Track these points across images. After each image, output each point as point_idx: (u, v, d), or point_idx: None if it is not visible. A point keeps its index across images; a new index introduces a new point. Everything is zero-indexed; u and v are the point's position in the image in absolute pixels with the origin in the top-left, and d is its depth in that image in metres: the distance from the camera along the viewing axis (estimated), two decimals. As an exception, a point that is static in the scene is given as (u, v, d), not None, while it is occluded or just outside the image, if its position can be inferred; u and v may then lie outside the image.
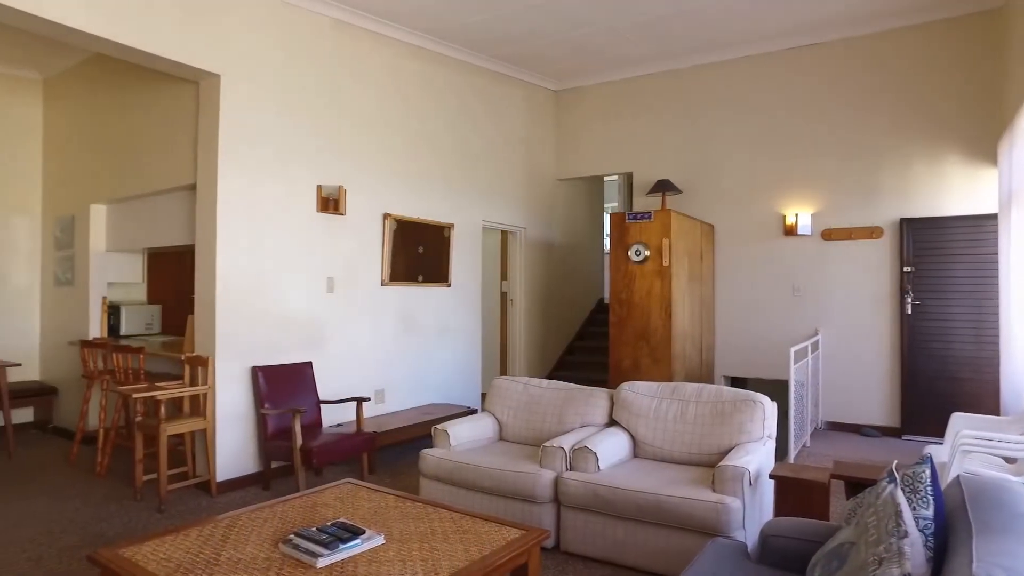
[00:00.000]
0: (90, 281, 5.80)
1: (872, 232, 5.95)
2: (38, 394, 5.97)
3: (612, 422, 3.95)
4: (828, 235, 6.16)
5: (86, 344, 5.13)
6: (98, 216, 5.85)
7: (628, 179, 9.27)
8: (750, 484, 3.00)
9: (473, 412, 5.77)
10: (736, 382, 6.76)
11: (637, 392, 3.89)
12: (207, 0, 4.30)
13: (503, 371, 7.81)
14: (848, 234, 6.06)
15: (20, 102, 6.38)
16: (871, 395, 5.98)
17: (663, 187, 6.37)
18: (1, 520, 3.84)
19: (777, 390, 5.48)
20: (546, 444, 3.52)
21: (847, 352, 6.08)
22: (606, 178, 9.05)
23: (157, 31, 4.04)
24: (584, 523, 3.30)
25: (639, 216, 5.60)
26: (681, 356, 5.69)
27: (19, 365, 5.56)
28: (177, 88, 4.83)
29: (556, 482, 3.41)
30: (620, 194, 9.63)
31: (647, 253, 5.53)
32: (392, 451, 5.41)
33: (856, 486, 2.69)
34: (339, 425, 4.96)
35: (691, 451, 3.57)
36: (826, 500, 2.77)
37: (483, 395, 6.76)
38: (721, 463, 3.07)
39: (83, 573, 3.14)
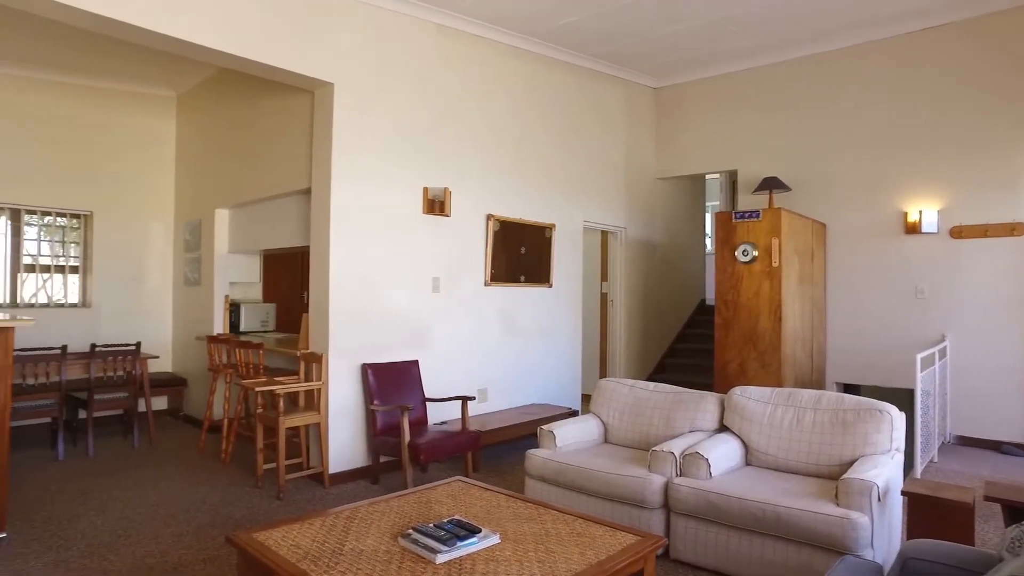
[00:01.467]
0: (214, 281, 6.24)
1: (1013, 228, 5.44)
2: (170, 384, 6.48)
3: (722, 428, 3.82)
4: (958, 232, 5.68)
5: (212, 339, 5.51)
6: (222, 220, 6.28)
7: (731, 177, 8.96)
8: (879, 500, 2.80)
9: (574, 413, 5.74)
10: (848, 389, 6.37)
11: (749, 397, 3.74)
12: (321, 13, 4.51)
13: (602, 372, 7.73)
14: (983, 231, 5.56)
15: (157, 117, 6.96)
16: (1011, 408, 5.46)
17: (770, 185, 6.09)
18: (148, 498, 4.21)
19: (895, 399, 5.09)
20: (655, 448, 3.45)
21: (981, 360, 5.59)
22: (708, 176, 8.77)
23: (277, 44, 4.29)
24: (695, 531, 3.20)
25: (747, 215, 5.39)
26: (791, 360, 5.43)
27: (157, 357, 6.06)
28: (294, 98, 5.10)
29: (666, 487, 3.33)
30: (722, 192, 9.30)
31: (755, 253, 5.32)
32: (494, 450, 5.47)
33: (1016, 511, 2.45)
34: (443, 423, 5.07)
35: (809, 461, 3.39)
36: (970, 523, 2.54)
37: (583, 396, 6.73)
38: (846, 476, 2.89)
39: (216, 551, 3.37)
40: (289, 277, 6.86)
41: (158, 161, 6.98)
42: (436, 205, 5.10)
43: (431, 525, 2.46)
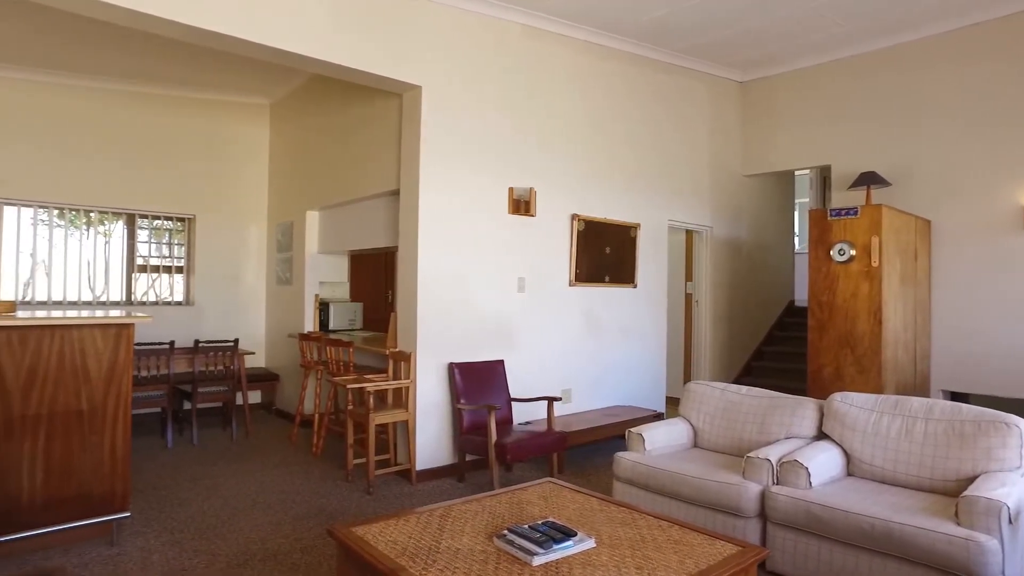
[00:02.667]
0: (305, 280, 6.49)
1: None
2: (264, 379, 6.78)
3: (821, 435, 3.65)
4: (1087, 229, 5.20)
5: (304, 337, 5.73)
6: (312, 222, 6.53)
7: (822, 173, 8.57)
8: (1009, 522, 2.59)
9: (659, 416, 5.64)
10: (956, 397, 5.95)
11: (851, 404, 3.55)
12: (408, 17, 4.60)
13: (686, 375, 7.56)
14: (1116, 227, 5.07)
15: (252, 125, 7.32)
16: None
17: (868, 180, 5.76)
18: (247, 487, 4.42)
19: (1014, 410, 4.72)
20: (750, 455, 3.33)
21: (1113, 368, 5.09)
22: (797, 173, 8.40)
23: (366, 49, 4.40)
24: (795, 543, 3.06)
25: (843, 212, 5.13)
26: (892, 366, 5.12)
27: (252, 353, 6.37)
28: (382, 102, 5.24)
29: (762, 496, 3.21)
30: (812, 189, 8.90)
31: (852, 252, 5.06)
32: (577, 451, 5.44)
33: None
34: (527, 423, 5.07)
35: (920, 475, 3.18)
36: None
37: (667, 399, 6.59)
38: (969, 493, 2.68)
39: (312, 541, 3.49)
40: (374, 277, 7.05)
41: (253, 166, 7.34)
42: (521, 205, 5.11)
43: (525, 526, 2.45)
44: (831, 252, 5.18)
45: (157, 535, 3.56)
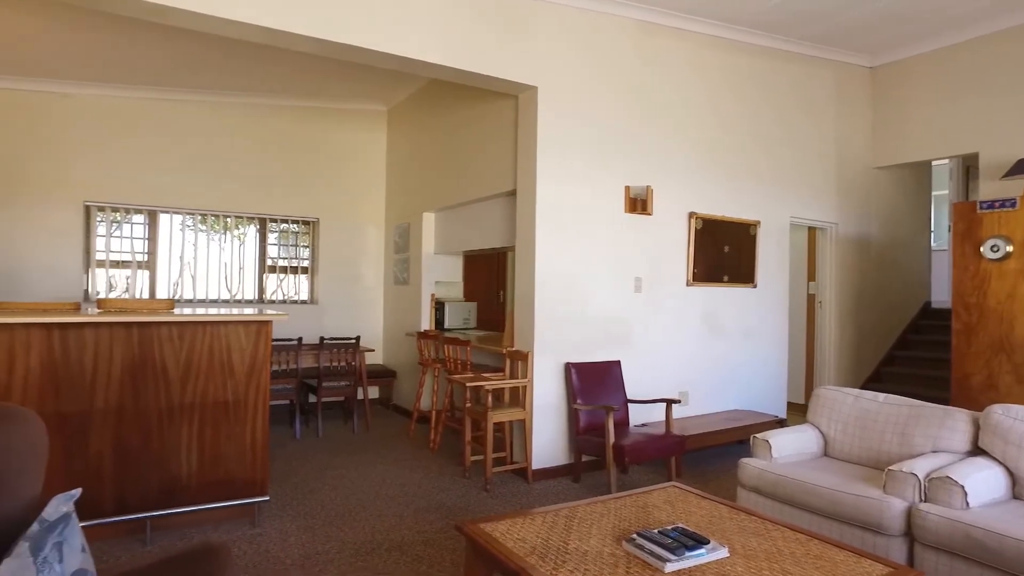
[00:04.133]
0: (422, 280, 6.70)
1: None
2: (382, 376, 7.07)
3: (975, 451, 3.32)
4: None
5: (421, 335, 5.91)
6: (428, 223, 6.73)
7: (964, 162, 7.84)
8: None
9: (781, 422, 5.37)
10: None
11: (1016, 418, 3.20)
12: (525, 18, 4.63)
13: (809, 380, 7.15)
14: None
15: (370, 130, 7.66)
16: None
17: (1026, 167, 5.20)
18: (369, 478, 4.61)
19: None
20: (892, 468, 3.08)
21: None
22: (934, 163, 7.72)
23: (484, 53, 4.47)
24: (950, 568, 2.80)
25: (997, 204, 4.67)
26: (1058, 376, 4.59)
27: (372, 351, 6.65)
28: (497, 103, 5.31)
29: (908, 513, 2.96)
30: (952, 180, 8.16)
31: (1009, 249, 4.61)
32: (694, 455, 5.28)
33: None
34: (643, 425, 4.97)
35: (1103, 500, 2.82)
36: None
37: (788, 404, 6.26)
38: None
39: (434, 534, 3.58)
40: (487, 277, 7.18)
41: (371, 170, 7.67)
42: (638, 204, 5.02)
43: (655, 531, 2.39)
44: (981, 249, 4.74)
45: (292, 519, 3.79)
